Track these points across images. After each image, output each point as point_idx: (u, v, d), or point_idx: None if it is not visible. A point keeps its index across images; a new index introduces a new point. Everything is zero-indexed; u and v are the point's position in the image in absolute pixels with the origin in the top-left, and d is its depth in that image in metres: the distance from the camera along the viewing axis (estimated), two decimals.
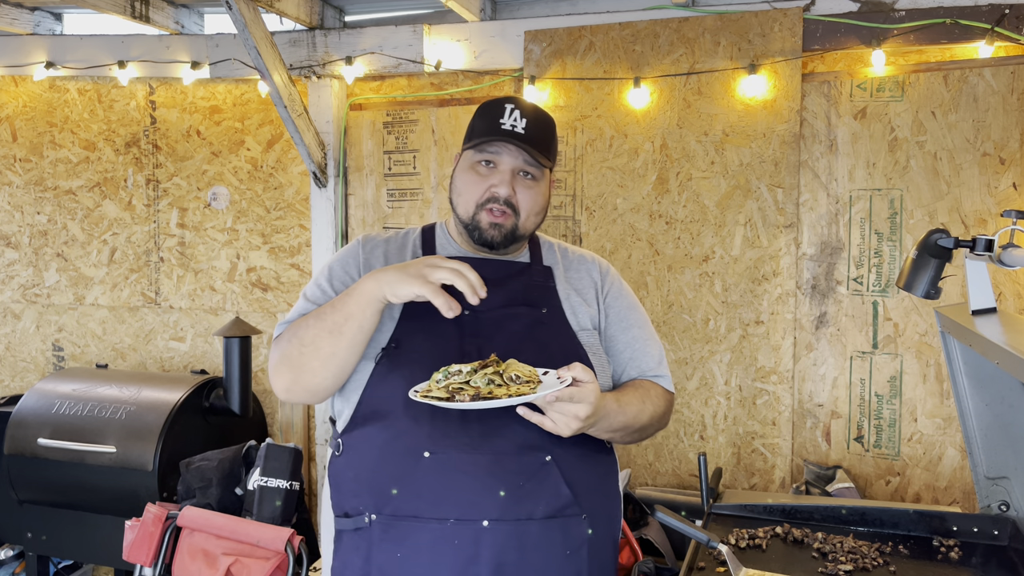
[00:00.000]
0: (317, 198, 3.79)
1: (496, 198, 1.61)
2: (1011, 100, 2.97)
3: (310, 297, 1.66)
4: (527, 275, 1.69)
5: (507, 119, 1.61)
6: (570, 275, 1.75)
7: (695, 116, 3.27)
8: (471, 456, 1.48)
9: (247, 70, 3.71)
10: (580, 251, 1.83)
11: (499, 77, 3.56)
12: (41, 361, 4.28)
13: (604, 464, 1.66)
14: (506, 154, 1.62)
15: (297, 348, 1.54)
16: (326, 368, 1.53)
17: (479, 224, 1.63)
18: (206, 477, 2.99)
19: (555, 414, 1.41)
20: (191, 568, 2.63)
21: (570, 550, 1.53)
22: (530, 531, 1.49)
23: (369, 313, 1.49)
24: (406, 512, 1.49)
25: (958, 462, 3.08)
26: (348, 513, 1.56)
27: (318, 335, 1.51)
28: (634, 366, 1.73)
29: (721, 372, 3.29)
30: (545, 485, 1.51)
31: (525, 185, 1.64)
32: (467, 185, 1.65)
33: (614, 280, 1.79)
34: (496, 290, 1.62)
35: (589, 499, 1.57)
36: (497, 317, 1.61)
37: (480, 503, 1.47)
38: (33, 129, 4.19)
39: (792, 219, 3.18)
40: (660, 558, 2.80)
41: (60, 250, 4.21)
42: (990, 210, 3.01)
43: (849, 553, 1.87)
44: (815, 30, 3.10)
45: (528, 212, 1.64)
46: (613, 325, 1.73)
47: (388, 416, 1.53)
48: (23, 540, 3.40)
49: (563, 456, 1.53)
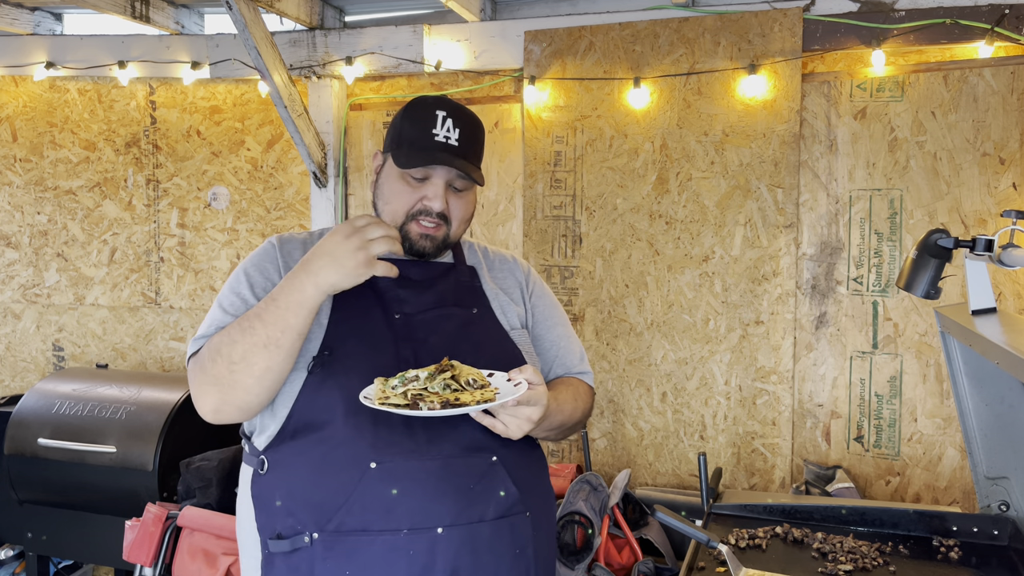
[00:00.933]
0: (317, 198, 3.79)
1: (428, 211, 1.55)
2: (1011, 100, 2.97)
3: (228, 309, 1.51)
4: (453, 275, 1.66)
5: (440, 130, 1.54)
6: (495, 275, 1.74)
7: (695, 116, 3.27)
8: (420, 463, 1.44)
9: (247, 70, 3.71)
10: (500, 251, 1.82)
11: (499, 77, 3.56)
12: (41, 361, 4.28)
13: (539, 461, 1.66)
14: (440, 165, 1.54)
15: (225, 367, 1.40)
16: (261, 384, 1.42)
17: (408, 234, 1.57)
18: (206, 477, 2.99)
19: (508, 417, 1.40)
20: (191, 568, 2.63)
21: (518, 549, 1.52)
22: (482, 533, 1.47)
23: (309, 319, 1.41)
24: (353, 526, 1.42)
25: (958, 462, 3.08)
26: (282, 534, 1.46)
27: (250, 350, 1.39)
28: (560, 364, 1.73)
29: (721, 372, 3.29)
30: (493, 486, 1.49)
31: (456, 196, 1.59)
32: (396, 195, 1.57)
33: (535, 279, 1.79)
34: (425, 292, 1.60)
35: (531, 497, 1.56)
36: (429, 319, 1.57)
37: (433, 509, 1.43)
38: (33, 129, 4.19)
39: (792, 219, 3.18)
40: (660, 558, 2.80)
41: (60, 250, 4.21)
42: (990, 210, 3.01)
43: (849, 553, 1.87)
44: (815, 30, 3.10)
45: (459, 221, 1.61)
46: (539, 324, 1.74)
47: (325, 427, 1.45)
48: (23, 540, 3.40)
49: (507, 456, 1.52)
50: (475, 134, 1.60)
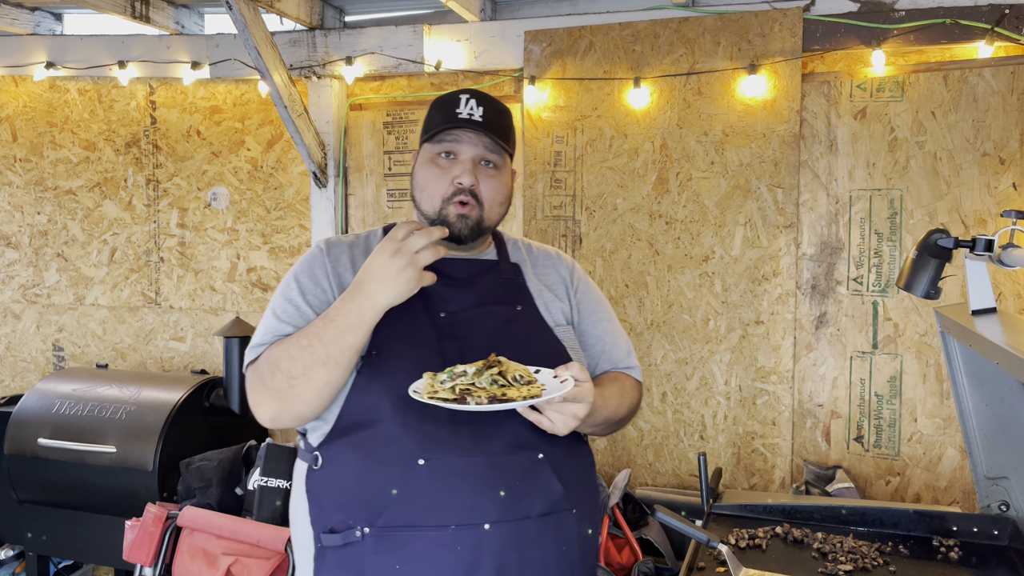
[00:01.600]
0: (317, 198, 3.79)
1: (461, 189, 1.58)
2: (1011, 100, 2.97)
3: (283, 317, 1.55)
4: (496, 273, 1.68)
5: (464, 108, 1.59)
6: (538, 271, 1.74)
7: (695, 116, 3.27)
8: (466, 459, 1.46)
9: (247, 70, 3.71)
10: (544, 247, 1.82)
11: (499, 77, 3.56)
12: (41, 361, 4.28)
13: (586, 457, 1.66)
14: (466, 142, 1.59)
15: (284, 381, 1.45)
16: (319, 397, 1.47)
17: (447, 218, 1.59)
18: (206, 477, 2.99)
19: (554, 413, 1.41)
20: (191, 568, 2.63)
21: (564, 545, 1.53)
22: (528, 530, 1.48)
23: (366, 337, 1.45)
24: (401, 522, 1.45)
25: (958, 462, 3.08)
26: (334, 528, 1.50)
27: (309, 367, 1.44)
28: (606, 359, 1.73)
29: (721, 372, 3.29)
30: (539, 482, 1.51)
31: (487, 174, 1.62)
32: (429, 179, 1.61)
33: (580, 275, 1.79)
34: (468, 290, 1.61)
35: (577, 493, 1.57)
36: (472, 317, 1.58)
37: (480, 506, 1.45)
38: (33, 129, 4.19)
39: (792, 219, 3.18)
40: (660, 558, 2.80)
41: (60, 250, 4.21)
42: (990, 210, 3.01)
43: (849, 553, 1.87)
44: (815, 30, 3.10)
45: (492, 202, 1.63)
46: (584, 320, 1.74)
47: (374, 425, 1.48)
48: (23, 540, 3.40)
49: (553, 452, 1.53)
50: (500, 114, 1.64)
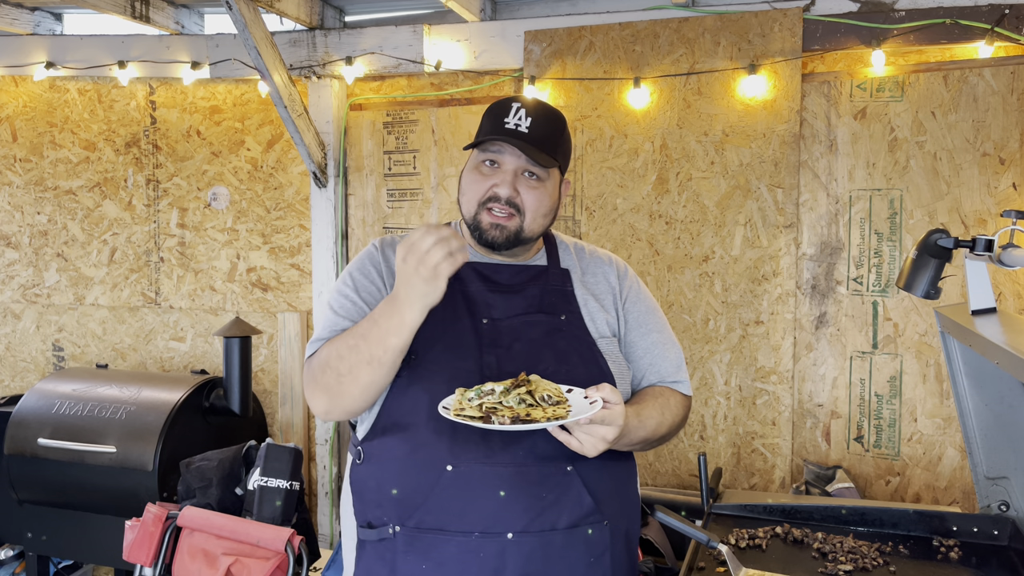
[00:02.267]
0: (317, 198, 3.79)
1: (497, 197, 1.58)
2: (1011, 100, 2.97)
3: (340, 311, 1.60)
4: (544, 280, 1.66)
5: (511, 118, 1.58)
6: (587, 279, 1.72)
7: (695, 116, 3.27)
8: (493, 469, 1.48)
9: (247, 70, 3.71)
10: (597, 251, 1.79)
11: (499, 77, 3.56)
12: (41, 361, 4.28)
13: (625, 470, 1.65)
14: (508, 154, 1.59)
15: (334, 377, 1.49)
16: (365, 394, 1.50)
17: (480, 224, 1.60)
18: (206, 477, 2.99)
19: (582, 435, 1.40)
20: (191, 568, 2.63)
21: (593, 557, 1.53)
22: (554, 541, 1.49)
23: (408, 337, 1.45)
24: (430, 525, 1.49)
25: (958, 462, 3.08)
26: (372, 523, 1.56)
27: (355, 366, 1.47)
28: (653, 372, 1.70)
29: (721, 372, 3.29)
30: (568, 495, 1.51)
31: (529, 185, 1.59)
32: (470, 184, 1.62)
33: (632, 283, 1.75)
34: (514, 297, 1.61)
35: (611, 505, 1.57)
36: (515, 325, 1.58)
37: (505, 516, 1.47)
38: (33, 129, 4.19)
39: (792, 219, 3.18)
40: (660, 558, 2.80)
41: (60, 250, 4.21)
42: (990, 210, 3.01)
43: (849, 553, 1.87)
44: (815, 30, 3.10)
45: (534, 213, 1.60)
46: (632, 331, 1.71)
47: (409, 428, 1.52)
48: (23, 540, 3.40)
49: (584, 465, 1.52)
50: (550, 125, 1.61)
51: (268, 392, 3.96)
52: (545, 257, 1.71)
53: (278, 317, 3.95)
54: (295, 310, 3.93)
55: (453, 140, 3.67)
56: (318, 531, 3.83)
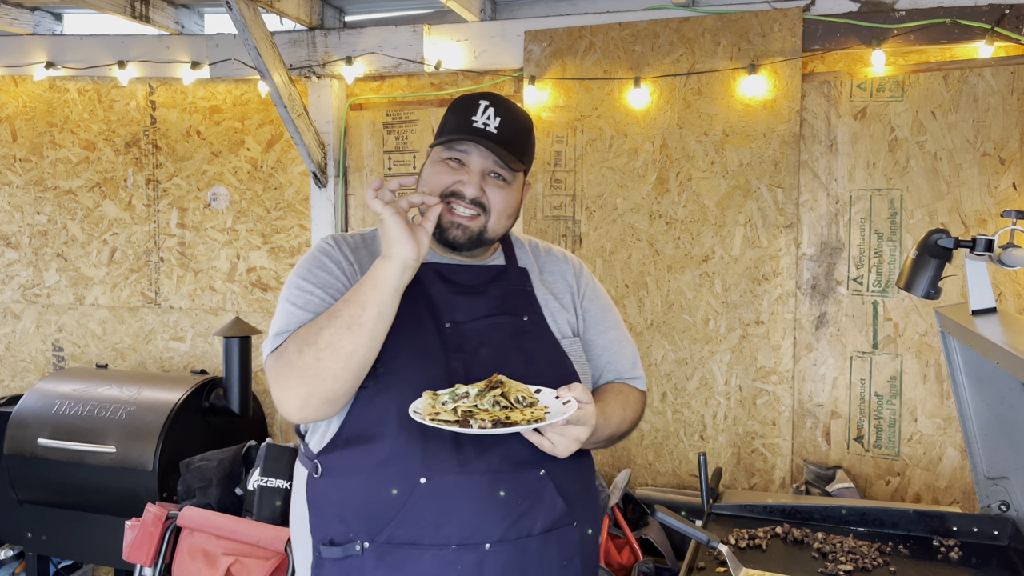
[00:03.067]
0: (317, 198, 3.79)
1: (461, 195, 1.53)
2: (1011, 100, 2.97)
3: (304, 306, 1.49)
4: (504, 280, 1.63)
5: (480, 117, 1.53)
6: (545, 277, 1.70)
7: (695, 116, 3.27)
8: (468, 478, 1.44)
9: (247, 70, 3.71)
10: (552, 248, 1.77)
11: (499, 77, 3.56)
12: (41, 361, 4.28)
13: (588, 469, 1.65)
14: (476, 154, 1.54)
15: (312, 356, 1.39)
16: (348, 369, 1.40)
17: (440, 222, 1.53)
18: (206, 477, 2.99)
19: (556, 436, 1.37)
20: (191, 568, 2.63)
21: (566, 560, 1.52)
22: (530, 547, 1.47)
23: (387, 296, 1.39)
24: (403, 539, 1.44)
25: (958, 462, 3.08)
26: (334, 540, 1.48)
27: (335, 334, 1.38)
28: (611, 369, 1.70)
29: (721, 372, 3.29)
30: (542, 500, 1.49)
31: (496, 185, 1.55)
32: (433, 177, 1.56)
33: (588, 281, 1.74)
34: (475, 299, 1.58)
35: (579, 505, 1.56)
36: (480, 328, 1.55)
37: (482, 526, 1.44)
38: (33, 129, 4.19)
39: (792, 219, 3.18)
40: (660, 558, 2.80)
41: (60, 250, 4.21)
42: (990, 210, 3.01)
43: (849, 553, 1.87)
44: (815, 30, 3.10)
45: (499, 214, 1.56)
46: (591, 329, 1.70)
47: (378, 439, 1.45)
48: (23, 540, 3.40)
49: (554, 468, 1.51)
50: (518, 126, 1.57)
51: (268, 392, 3.96)
52: (503, 256, 1.68)
53: None
54: None
55: None
56: None
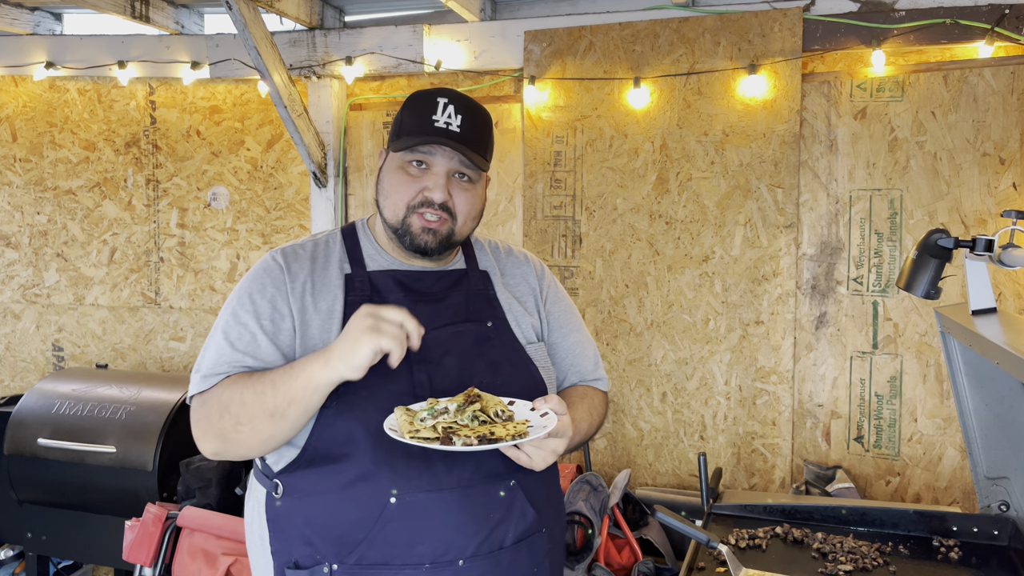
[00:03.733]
0: (317, 198, 3.79)
1: (430, 202, 1.46)
2: (1011, 100, 2.97)
3: (238, 345, 1.43)
4: (466, 284, 1.58)
5: (440, 116, 1.46)
6: (508, 280, 1.66)
7: (695, 116, 3.27)
8: (438, 494, 1.41)
9: (247, 70, 3.71)
10: (512, 249, 1.73)
11: (499, 77, 3.56)
12: (41, 361, 4.28)
13: (553, 474, 1.62)
14: (440, 155, 1.47)
15: (231, 424, 1.36)
16: (263, 445, 1.39)
17: (410, 229, 1.48)
18: (206, 477, 2.99)
19: (533, 449, 1.34)
20: (191, 568, 2.63)
21: (536, 567, 1.51)
22: (503, 559, 1.45)
23: (317, 398, 1.34)
24: (374, 560, 1.39)
25: (958, 462, 3.08)
26: (299, 563, 1.42)
27: (255, 416, 1.35)
28: (575, 372, 1.68)
29: (721, 372, 3.29)
30: (512, 511, 1.47)
31: (461, 187, 1.49)
32: (396, 186, 1.48)
33: (550, 283, 1.71)
34: (437, 306, 1.52)
35: (546, 511, 1.55)
36: (442, 337, 1.49)
37: (455, 543, 1.41)
38: (33, 129, 4.19)
39: (792, 219, 3.18)
40: (660, 558, 2.80)
41: (60, 250, 4.21)
42: (990, 210, 3.01)
43: (849, 553, 1.87)
44: (815, 30, 3.10)
45: (466, 217, 1.51)
46: (554, 332, 1.67)
47: (343, 459, 1.40)
48: (23, 540, 3.39)
49: (524, 478, 1.49)
50: (479, 123, 1.51)
51: None
52: (463, 259, 1.62)
53: None
54: None
55: None
56: None
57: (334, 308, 1.47)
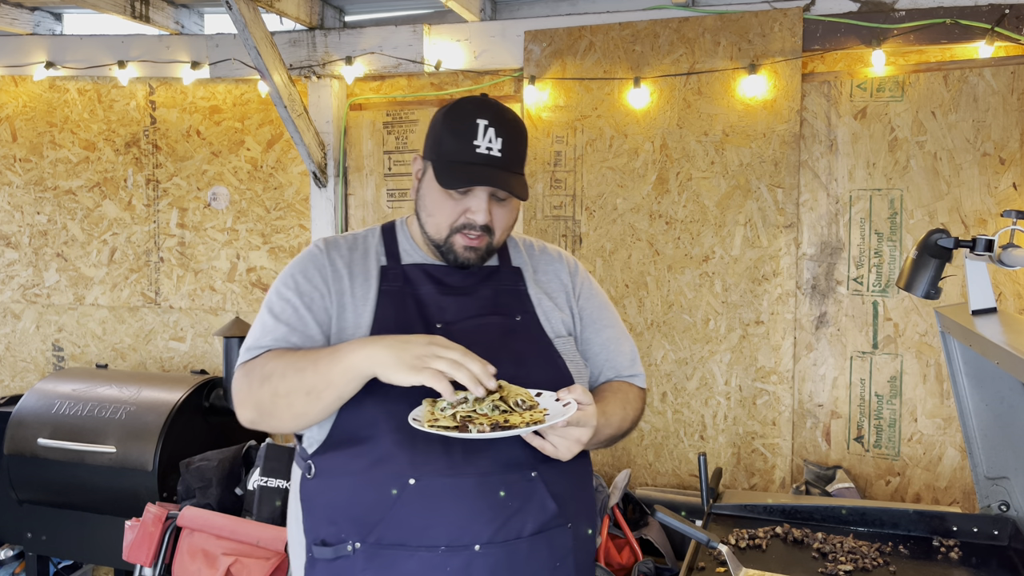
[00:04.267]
0: (317, 198, 3.79)
1: (473, 225, 1.51)
2: (1011, 100, 2.97)
3: (282, 317, 1.51)
4: (496, 280, 1.63)
5: (482, 141, 1.49)
6: (539, 277, 1.69)
7: (695, 116, 3.27)
8: (457, 480, 1.44)
9: (247, 70, 3.71)
10: (547, 248, 1.76)
11: (499, 77, 3.56)
12: (41, 361, 4.28)
13: (583, 470, 1.63)
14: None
15: (269, 396, 1.43)
16: (295, 421, 1.45)
17: (453, 247, 1.54)
18: (206, 477, 2.99)
19: (557, 438, 1.38)
20: (191, 568, 2.63)
21: (558, 562, 1.51)
22: (520, 549, 1.46)
23: (353, 386, 1.40)
24: (392, 540, 1.44)
25: (958, 462, 3.08)
26: (326, 541, 1.48)
27: (292, 391, 1.41)
28: (610, 367, 1.69)
29: (721, 372, 3.29)
30: (532, 501, 1.48)
31: (499, 205, 1.54)
32: (439, 207, 1.53)
33: (584, 280, 1.73)
34: (465, 299, 1.57)
35: (571, 507, 1.55)
36: (469, 328, 1.54)
37: (470, 527, 1.43)
38: (33, 129, 4.19)
39: (792, 219, 3.18)
40: (660, 558, 2.80)
41: (60, 250, 4.21)
42: (990, 210, 3.01)
43: (849, 553, 1.87)
44: (815, 30, 3.10)
45: (503, 230, 1.57)
46: (588, 328, 1.69)
47: (367, 441, 1.46)
48: (23, 540, 3.40)
49: (547, 470, 1.50)
50: (518, 141, 1.55)
51: None
52: (496, 257, 1.67)
53: None
54: None
55: None
56: None
57: (368, 295, 1.55)
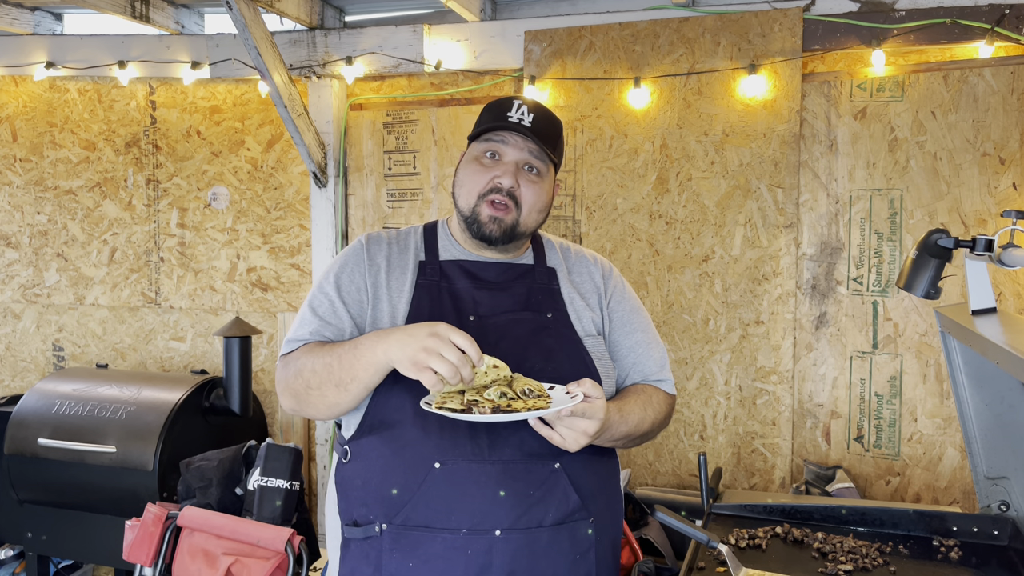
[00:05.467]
0: (317, 198, 3.79)
1: (499, 188, 1.59)
2: (1011, 100, 2.97)
3: (319, 311, 1.61)
4: (531, 278, 1.68)
5: (515, 113, 1.60)
6: (573, 277, 1.73)
7: (695, 116, 3.27)
8: (480, 466, 1.49)
9: (247, 70, 3.71)
10: (582, 251, 1.80)
11: (499, 77, 3.56)
12: (41, 361, 4.28)
13: (608, 467, 1.67)
14: (511, 145, 1.61)
15: (303, 387, 1.54)
16: (330, 410, 1.55)
17: (478, 217, 1.60)
18: (206, 477, 2.99)
19: (564, 429, 1.42)
20: (191, 568, 2.63)
21: (578, 554, 1.54)
22: (540, 538, 1.50)
23: (377, 378, 1.48)
24: (417, 522, 1.50)
25: (958, 462, 3.08)
26: (357, 522, 1.56)
27: (324, 383, 1.50)
28: (637, 371, 1.73)
29: (721, 372, 3.29)
30: (554, 492, 1.52)
31: (529, 179, 1.61)
32: (469, 176, 1.63)
33: (617, 283, 1.78)
34: (499, 294, 1.63)
35: (595, 503, 1.58)
36: (502, 323, 1.59)
37: (492, 513, 1.48)
38: (33, 129, 4.19)
39: (792, 219, 3.18)
40: (660, 558, 2.80)
41: (60, 250, 4.21)
42: (990, 210, 3.01)
43: (849, 553, 1.87)
44: (815, 30, 3.10)
45: (530, 208, 1.62)
46: (617, 330, 1.73)
47: (396, 426, 1.53)
48: (23, 540, 3.40)
49: (571, 462, 1.54)
50: (550, 124, 1.64)
51: (268, 392, 3.96)
52: (532, 256, 1.73)
53: (278, 317, 3.95)
54: (295, 310, 3.92)
55: (453, 140, 3.67)
56: (318, 531, 3.83)
57: (403, 288, 1.62)
